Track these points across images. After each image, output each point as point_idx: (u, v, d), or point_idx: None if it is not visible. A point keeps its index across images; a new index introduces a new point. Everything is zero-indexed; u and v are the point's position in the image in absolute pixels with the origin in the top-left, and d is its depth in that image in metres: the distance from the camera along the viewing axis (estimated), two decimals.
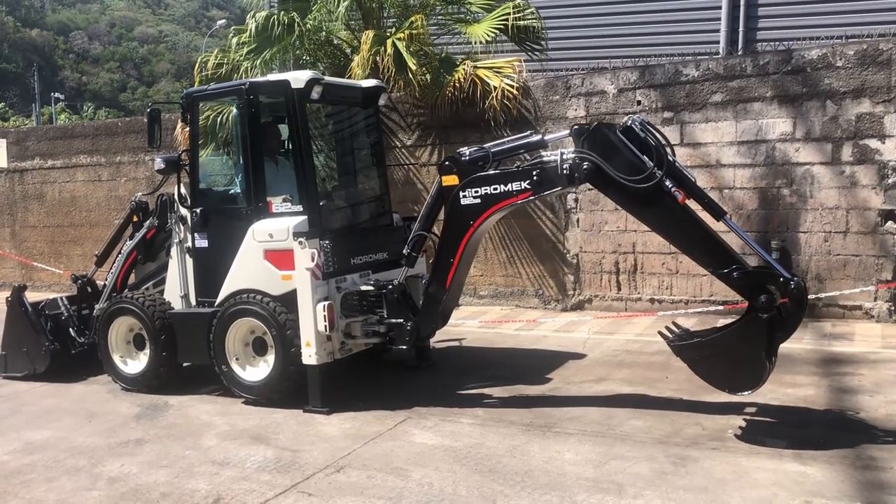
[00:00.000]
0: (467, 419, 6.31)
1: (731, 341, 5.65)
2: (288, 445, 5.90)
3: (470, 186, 6.24)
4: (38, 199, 15.39)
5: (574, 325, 9.77)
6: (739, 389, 5.78)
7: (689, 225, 5.72)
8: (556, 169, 5.95)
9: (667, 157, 5.66)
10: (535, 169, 6.04)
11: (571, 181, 5.96)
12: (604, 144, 5.79)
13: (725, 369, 5.71)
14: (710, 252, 5.71)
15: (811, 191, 9.41)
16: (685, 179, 5.71)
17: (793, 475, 4.92)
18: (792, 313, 5.40)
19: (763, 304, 5.37)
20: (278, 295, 6.80)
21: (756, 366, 5.52)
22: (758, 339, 5.44)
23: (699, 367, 5.85)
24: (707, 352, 5.75)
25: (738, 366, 5.63)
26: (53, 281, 14.81)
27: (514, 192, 6.10)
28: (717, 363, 5.72)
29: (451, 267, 6.46)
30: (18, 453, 6.02)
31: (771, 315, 5.37)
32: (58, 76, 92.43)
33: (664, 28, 13.74)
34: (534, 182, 6.02)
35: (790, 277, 5.38)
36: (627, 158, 5.70)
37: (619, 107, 10.26)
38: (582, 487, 4.88)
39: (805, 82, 9.32)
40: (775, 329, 5.41)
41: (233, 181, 7.78)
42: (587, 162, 5.78)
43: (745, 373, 5.62)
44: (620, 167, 5.70)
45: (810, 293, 9.30)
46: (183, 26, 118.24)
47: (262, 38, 11.23)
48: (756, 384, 5.63)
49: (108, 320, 7.70)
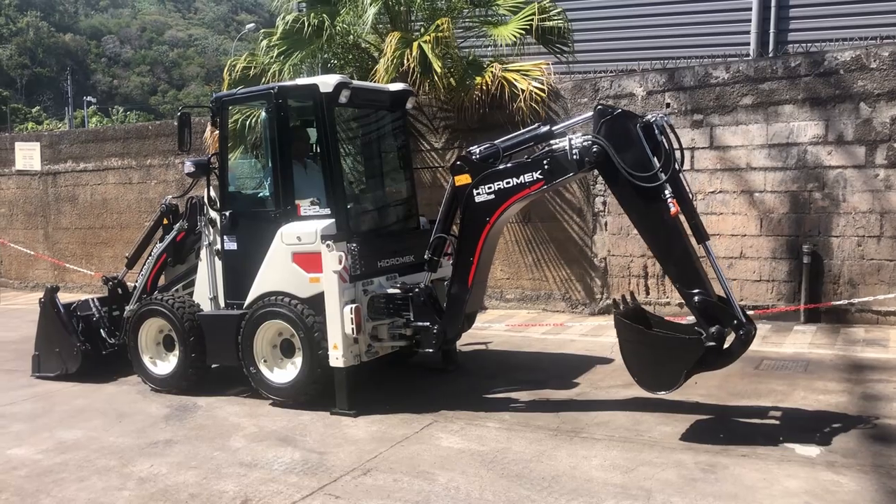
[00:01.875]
0: (494, 423, 6.29)
1: (666, 346, 5.81)
2: (315, 447, 5.92)
3: (483, 183, 6.26)
4: (70, 201, 15.62)
5: (602, 330, 9.70)
6: (648, 388, 5.95)
7: (674, 237, 5.74)
8: (567, 155, 5.95)
9: (674, 165, 5.67)
10: (546, 158, 6.05)
11: (581, 166, 5.95)
12: (621, 133, 5.79)
13: (646, 364, 5.89)
14: (682, 269, 5.77)
15: (844, 194, 9.27)
16: (684, 194, 5.76)
17: (825, 483, 4.84)
18: (731, 353, 5.65)
19: (713, 334, 5.53)
20: (306, 297, 6.84)
21: (673, 377, 5.68)
22: (689, 357, 5.61)
23: (626, 351, 6.02)
24: (640, 341, 5.92)
25: (659, 369, 5.80)
26: (85, 282, 15.01)
27: (528, 183, 6.11)
28: (642, 356, 5.91)
29: (472, 266, 6.47)
30: (51, 452, 6.10)
31: (712, 346, 5.53)
32: (90, 80, 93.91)
33: (693, 30, 13.61)
34: (545, 171, 6.03)
35: (744, 322, 5.58)
36: (638, 154, 5.71)
37: (647, 109, 10.17)
38: (609, 493, 4.84)
39: (838, 84, 9.19)
40: (709, 358, 5.60)
41: (261, 184, 7.84)
42: (597, 146, 5.79)
43: (661, 377, 5.79)
44: (628, 160, 5.72)
45: (843, 298, 9.23)
46: (212, 30, 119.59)
47: (291, 41, 11.29)
48: (664, 391, 5.83)
49: (139, 322, 7.79)
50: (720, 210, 9.90)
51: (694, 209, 5.93)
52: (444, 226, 6.73)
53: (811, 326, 9.31)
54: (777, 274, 9.69)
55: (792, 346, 8.52)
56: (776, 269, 9.69)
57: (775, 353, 8.25)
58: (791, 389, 6.87)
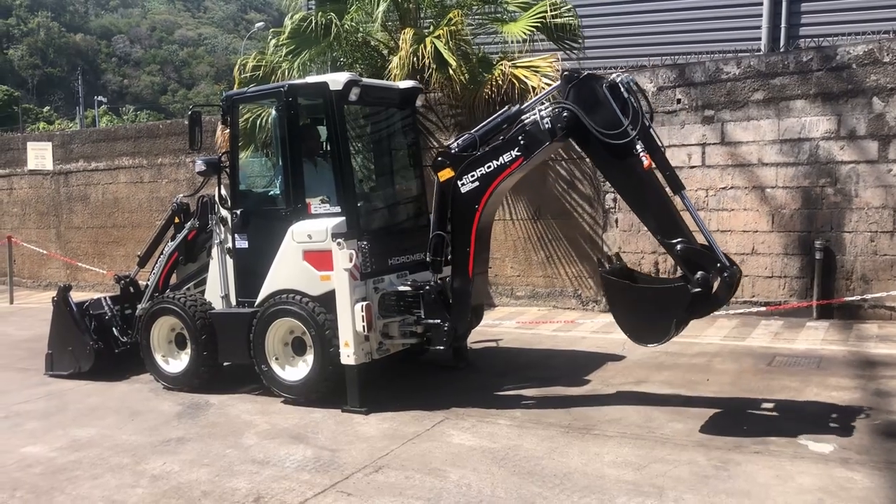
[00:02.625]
0: (505, 420, 6.29)
1: (654, 297, 5.93)
2: (327, 445, 5.93)
3: (465, 173, 6.35)
4: (81, 200, 15.70)
5: (612, 327, 9.58)
6: (640, 341, 6.02)
7: (649, 190, 5.83)
8: (539, 126, 6.06)
9: (643, 120, 5.78)
10: (520, 134, 6.16)
11: (554, 134, 6.02)
12: (589, 95, 5.90)
13: (636, 319, 5.94)
14: (661, 220, 5.85)
15: (856, 190, 9.22)
16: (655, 148, 5.85)
17: (839, 481, 4.82)
18: (718, 298, 5.65)
19: (698, 280, 5.57)
20: (317, 295, 6.85)
21: (665, 327, 5.74)
22: (677, 306, 5.67)
23: (615, 307, 6.12)
24: (629, 296, 5.99)
25: (649, 321, 5.86)
26: (97, 281, 15.09)
27: (508, 162, 6.21)
28: (632, 310, 5.96)
29: (469, 256, 6.52)
30: (65, 450, 6.13)
31: (699, 292, 5.55)
32: (101, 79, 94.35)
33: (704, 25, 13.56)
34: (522, 147, 6.14)
35: (727, 265, 5.60)
36: (607, 114, 5.82)
37: (658, 105, 10.15)
38: (622, 490, 4.83)
39: (850, 79, 9.14)
40: (697, 305, 5.64)
41: (272, 182, 7.85)
42: (567, 111, 5.92)
43: (652, 329, 5.85)
44: (598, 121, 5.83)
45: (855, 294, 9.18)
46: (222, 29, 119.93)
47: (300, 40, 11.31)
48: (656, 343, 5.94)
49: (151, 320, 7.82)
50: (732, 206, 9.86)
51: (667, 162, 5.99)
52: (440, 224, 6.71)
53: (824, 322, 9.27)
54: (789, 270, 9.65)
55: (804, 342, 8.48)
56: (788, 265, 9.65)
57: (788, 349, 8.21)
58: (804, 386, 6.84)
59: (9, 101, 68.99)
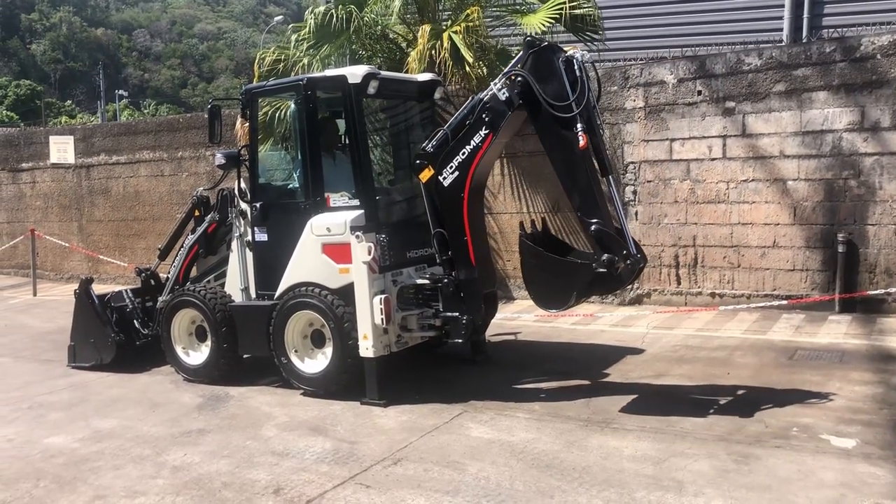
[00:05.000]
0: (523, 414, 6.28)
1: (561, 269, 6.29)
2: (346, 437, 5.95)
3: (443, 166, 6.53)
4: (103, 193, 15.83)
5: (632, 320, 9.64)
6: (542, 305, 6.40)
7: (580, 168, 6.10)
8: (497, 98, 6.28)
9: (588, 100, 6.04)
10: (483, 112, 6.36)
11: (512, 103, 6.22)
12: (544, 66, 6.14)
13: (542, 285, 6.37)
14: (585, 199, 6.13)
15: (880, 182, 9.10)
16: (595, 131, 6.15)
17: (862, 476, 4.77)
18: (619, 279, 6.07)
19: (603, 261, 5.89)
20: (336, 288, 6.87)
21: (564, 298, 6.23)
22: (579, 280, 6.08)
23: (526, 271, 6.53)
24: (538, 263, 6.37)
25: (553, 289, 6.29)
26: (118, 273, 15.23)
27: (479, 143, 6.43)
28: (539, 276, 6.39)
29: (468, 244, 6.66)
30: (87, 441, 6.20)
31: (602, 272, 5.90)
32: (121, 74, 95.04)
33: (725, 16, 13.41)
34: (488, 123, 6.34)
35: (633, 254, 5.98)
36: (557, 86, 6.06)
37: (678, 97, 10.07)
38: (641, 484, 4.81)
39: (874, 70, 9.01)
40: (598, 283, 6.05)
41: (291, 176, 7.87)
42: (520, 77, 6.14)
43: (553, 298, 6.31)
44: (549, 91, 6.08)
45: (879, 287, 9.08)
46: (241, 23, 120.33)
47: (320, 34, 11.31)
48: (556, 309, 6.43)
49: (171, 312, 7.87)
50: (753, 199, 9.77)
51: (603, 145, 6.32)
52: (438, 223, 6.75)
53: (846, 316, 9.17)
54: (811, 263, 9.55)
55: (826, 336, 8.40)
56: (810, 258, 9.55)
57: (809, 343, 8.14)
58: (826, 380, 6.77)
59: (32, 95, 69.68)
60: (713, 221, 10.02)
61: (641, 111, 10.32)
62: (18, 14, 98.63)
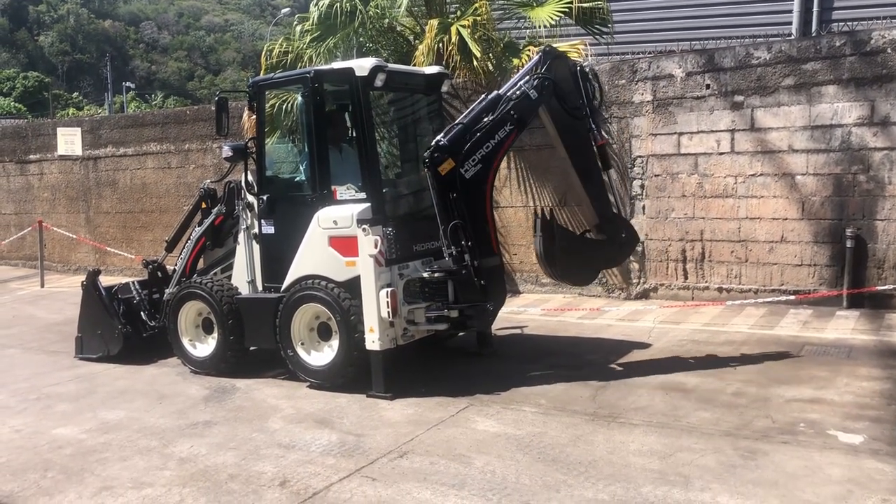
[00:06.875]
0: (530, 407, 6.28)
1: (587, 248, 7.27)
2: (352, 430, 5.96)
3: (466, 159, 6.67)
4: (110, 185, 15.85)
5: (639, 314, 9.62)
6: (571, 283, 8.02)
7: (592, 162, 7.10)
8: (528, 96, 6.78)
9: (594, 103, 7.10)
10: (511, 109, 6.75)
11: (541, 101, 6.83)
12: (561, 71, 6.96)
13: (570, 264, 7.11)
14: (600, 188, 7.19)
15: (889, 177, 9.05)
16: (599, 130, 7.08)
17: (869, 472, 4.76)
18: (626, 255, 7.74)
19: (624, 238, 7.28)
20: (342, 281, 6.87)
21: (592, 274, 7.65)
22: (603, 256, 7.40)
23: (550, 251, 6.90)
24: (566, 245, 7.00)
25: (581, 268, 7.28)
26: (125, 265, 15.26)
27: (503, 138, 6.78)
28: (565, 256, 6.97)
29: (491, 231, 6.95)
30: (95, 432, 6.22)
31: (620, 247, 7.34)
32: (129, 66, 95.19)
33: (734, 10, 13.37)
34: (515, 119, 6.76)
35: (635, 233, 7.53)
36: (571, 91, 6.95)
37: (686, 91, 10.03)
38: (647, 479, 4.81)
39: (885, 64, 8.95)
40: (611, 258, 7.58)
41: (298, 168, 7.87)
42: (547, 81, 6.82)
43: (581, 275, 7.51)
44: (566, 95, 6.94)
45: (887, 283, 9.05)
46: (248, 15, 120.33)
47: (326, 26, 11.31)
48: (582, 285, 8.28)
49: (178, 304, 7.89)
50: (761, 193, 9.73)
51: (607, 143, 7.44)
52: (448, 215, 6.68)
53: (854, 312, 9.13)
54: (819, 258, 9.51)
55: (834, 331, 8.37)
56: (818, 253, 9.51)
57: (817, 338, 8.11)
58: (833, 376, 6.75)
59: (39, 87, 69.88)
60: (721, 216, 9.98)
61: (649, 105, 10.28)
62: (26, 6, 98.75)
